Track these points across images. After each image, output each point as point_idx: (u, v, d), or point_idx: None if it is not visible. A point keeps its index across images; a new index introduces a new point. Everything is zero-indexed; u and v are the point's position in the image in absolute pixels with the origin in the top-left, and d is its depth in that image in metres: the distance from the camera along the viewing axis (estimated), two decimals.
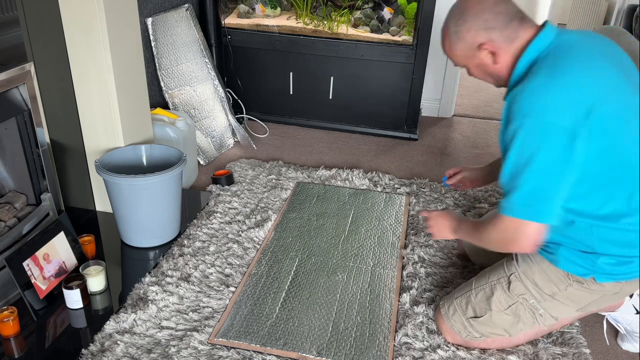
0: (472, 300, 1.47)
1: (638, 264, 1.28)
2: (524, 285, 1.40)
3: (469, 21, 1.24)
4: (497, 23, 1.22)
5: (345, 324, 1.59)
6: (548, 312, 1.40)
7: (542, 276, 1.37)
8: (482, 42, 1.24)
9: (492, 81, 1.37)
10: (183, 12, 2.67)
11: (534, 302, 1.40)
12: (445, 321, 1.52)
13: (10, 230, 1.66)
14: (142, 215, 1.82)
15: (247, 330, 1.54)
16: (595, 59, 1.20)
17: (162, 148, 1.96)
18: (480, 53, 1.26)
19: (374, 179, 2.47)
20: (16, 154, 1.77)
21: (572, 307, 1.39)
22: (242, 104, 3.05)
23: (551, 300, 1.38)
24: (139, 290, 1.67)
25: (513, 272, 1.42)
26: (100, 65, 1.79)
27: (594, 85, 1.14)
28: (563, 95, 1.13)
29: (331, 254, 1.91)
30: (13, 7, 1.60)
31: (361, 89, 2.94)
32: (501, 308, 1.42)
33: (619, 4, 3.56)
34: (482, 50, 1.25)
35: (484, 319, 1.44)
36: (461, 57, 1.31)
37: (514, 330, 1.45)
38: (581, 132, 1.12)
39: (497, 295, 1.43)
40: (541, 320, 1.43)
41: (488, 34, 1.23)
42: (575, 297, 1.37)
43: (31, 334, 1.49)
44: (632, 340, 1.56)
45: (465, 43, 1.27)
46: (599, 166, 1.17)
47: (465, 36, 1.26)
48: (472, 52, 1.27)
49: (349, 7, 2.96)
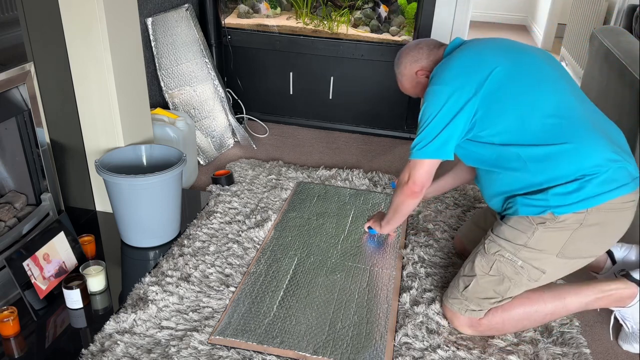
0: (461, 275, 1.58)
1: (589, 190, 1.37)
2: (497, 244, 1.51)
3: (403, 62, 1.70)
4: (422, 54, 1.66)
5: (343, 323, 1.59)
6: (527, 262, 1.48)
7: (510, 230, 1.49)
8: (417, 69, 1.67)
9: None
10: (183, 12, 2.67)
11: (510, 255, 1.49)
12: (446, 304, 1.59)
13: (10, 230, 1.66)
14: (142, 215, 1.83)
15: (244, 328, 1.54)
16: (486, 41, 1.58)
17: (162, 148, 1.96)
18: (418, 78, 1.68)
19: (374, 179, 2.47)
20: (16, 154, 1.77)
21: (549, 252, 1.46)
22: (242, 104, 3.05)
23: (525, 249, 1.47)
24: (139, 290, 1.67)
25: (487, 237, 1.55)
26: (100, 65, 1.80)
27: (480, 52, 1.52)
28: (454, 67, 1.51)
29: (330, 254, 1.91)
30: (13, 7, 1.61)
31: (361, 89, 2.94)
32: (484, 271, 1.52)
33: (619, 4, 3.56)
34: (419, 76, 1.67)
35: (472, 285, 1.53)
36: (410, 87, 1.72)
37: (502, 289, 1.51)
38: (468, 86, 1.45)
39: (478, 261, 1.54)
40: (525, 274, 1.48)
41: (419, 64, 1.66)
42: (546, 240, 1.45)
43: (31, 334, 1.49)
44: (634, 341, 1.57)
45: (407, 76, 1.70)
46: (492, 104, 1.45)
47: (404, 72, 1.70)
48: (415, 80, 1.69)
49: (349, 7, 2.96)
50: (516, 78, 1.46)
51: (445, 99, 1.47)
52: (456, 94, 1.46)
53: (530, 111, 1.43)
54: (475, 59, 1.50)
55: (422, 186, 1.58)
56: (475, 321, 1.54)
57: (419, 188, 1.58)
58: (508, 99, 1.44)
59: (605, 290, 1.52)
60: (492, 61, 1.47)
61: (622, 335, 1.60)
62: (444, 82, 1.49)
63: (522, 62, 1.50)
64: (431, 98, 1.51)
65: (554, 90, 1.47)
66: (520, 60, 1.50)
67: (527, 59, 1.52)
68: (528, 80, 1.47)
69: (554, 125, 1.42)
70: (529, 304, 1.52)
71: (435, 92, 1.50)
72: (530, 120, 1.43)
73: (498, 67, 1.45)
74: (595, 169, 1.38)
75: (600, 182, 1.38)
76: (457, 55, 1.54)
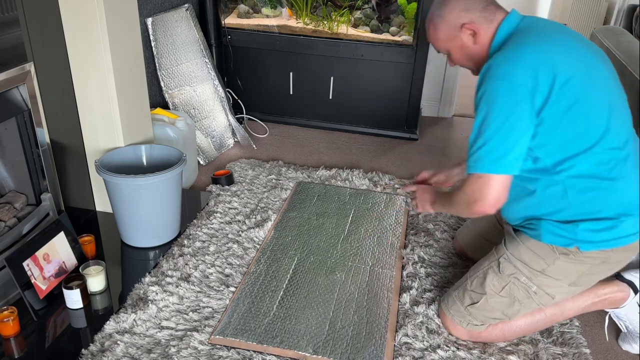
0: (468, 288, 1.51)
1: (621, 230, 1.32)
2: (514, 265, 1.44)
3: (452, 4, 1.38)
4: (477, 5, 1.36)
5: (342, 322, 1.59)
6: (541, 288, 1.44)
7: (529, 254, 1.42)
8: (464, 22, 1.36)
9: (472, 65, 1.46)
10: (183, 12, 2.67)
11: (526, 279, 1.43)
12: (446, 314, 1.54)
13: (10, 230, 1.66)
14: (142, 215, 1.83)
15: (244, 327, 1.54)
16: (554, 33, 1.35)
17: (162, 148, 1.96)
18: (462, 34, 1.38)
19: (374, 179, 2.47)
20: (16, 154, 1.77)
21: (564, 281, 1.42)
22: (242, 104, 3.05)
23: (542, 276, 1.42)
24: (139, 290, 1.67)
25: (502, 254, 1.47)
26: (100, 65, 1.79)
27: (554, 52, 1.28)
28: (526, 61, 1.26)
29: (330, 253, 1.91)
30: (13, 7, 1.61)
31: (361, 89, 2.94)
32: (495, 291, 1.46)
33: (619, 4, 3.56)
34: (464, 30, 1.37)
35: (481, 303, 1.47)
36: (444, 40, 1.42)
37: (511, 312, 1.47)
38: (541, 90, 1.24)
39: (490, 279, 1.47)
40: (537, 299, 1.45)
41: (469, 15, 1.36)
42: (564, 271, 1.40)
43: (31, 334, 1.49)
44: (633, 341, 1.57)
45: (449, 24, 1.38)
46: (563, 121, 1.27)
47: (448, 18, 1.38)
48: (454, 33, 1.39)
49: (349, 7, 2.96)
50: (589, 98, 1.27)
51: (520, 99, 1.24)
52: (529, 96, 1.24)
53: (596, 140, 1.28)
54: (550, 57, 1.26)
55: (499, 203, 1.31)
56: (475, 334, 1.52)
57: (494, 207, 1.31)
58: (578, 119, 1.27)
59: (600, 294, 1.53)
60: (568, 66, 1.26)
61: (622, 335, 1.60)
62: (516, 77, 1.24)
63: (596, 77, 1.31)
64: (502, 96, 1.25)
65: (621, 120, 1.33)
66: (594, 74, 1.31)
67: (600, 73, 1.33)
68: (600, 104, 1.29)
69: (611, 159, 1.30)
70: (530, 315, 1.51)
71: (507, 88, 1.25)
72: (593, 149, 1.29)
73: (574, 79, 1.25)
74: (633, 209, 1.32)
75: (633, 223, 1.33)
76: (527, 46, 1.29)
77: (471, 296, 1.50)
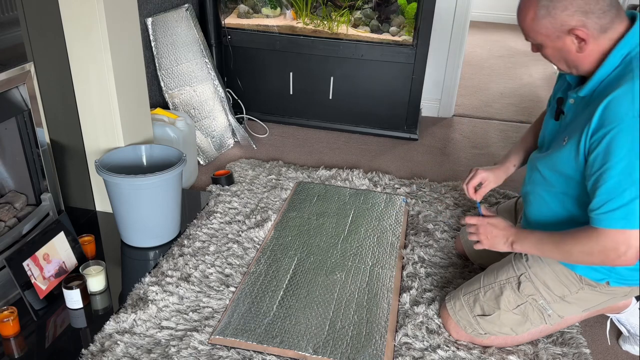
0: (480, 298, 1.47)
1: None
2: (534, 286, 1.39)
3: (566, 2, 1.10)
4: (597, 8, 1.09)
5: (342, 322, 1.59)
6: (557, 312, 1.41)
7: (553, 278, 1.37)
8: (575, 25, 1.10)
9: (564, 68, 1.23)
10: (183, 12, 2.67)
11: (543, 302, 1.40)
12: (451, 316, 1.52)
13: (10, 230, 1.66)
14: (142, 215, 1.83)
15: (244, 327, 1.54)
16: None
17: (162, 148, 1.96)
18: (567, 38, 1.13)
19: (374, 179, 2.47)
20: (16, 154, 1.77)
21: (580, 307, 1.40)
22: (242, 104, 3.05)
23: (560, 302, 1.39)
24: (139, 290, 1.67)
25: (523, 272, 1.42)
26: (100, 65, 1.79)
27: None
28: None
29: (330, 253, 1.91)
30: (13, 7, 1.61)
31: (361, 89, 2.94)
32: (510, 307, 1.43)
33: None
34: (571, 35, 1.12)
35: (492, 317, 1.45)
36: (542, 35, 1.16)
37: (520, 330, 1.46)
38: None
39: (506, 295, 1.42)
40: (549, 320, 1.43)
41: (583, 19, 1.09)
42: (585, 299, 1.37)
43: (31, 334, 1.49)
44: (634, 342, 1.57)
45: (555, 22, 1.12)
46: None
47: (558, 14, 1.11)
48: (557, 34, 1.13)
49: (349, 7, 2.96)
50: None
51: None
52: None
53: None
54: None
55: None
56: (477, 340, 1.51)
57: (637, 259, 1.15)
58: None
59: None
60: None
61: (623, 336, 1.60)
62: None
63: None
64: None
65: None
66: None
67: None
68: None
69: None
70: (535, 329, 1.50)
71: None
72: None
73: None
74: None
75: None
76: None
77: (483, 307, 1.46)
